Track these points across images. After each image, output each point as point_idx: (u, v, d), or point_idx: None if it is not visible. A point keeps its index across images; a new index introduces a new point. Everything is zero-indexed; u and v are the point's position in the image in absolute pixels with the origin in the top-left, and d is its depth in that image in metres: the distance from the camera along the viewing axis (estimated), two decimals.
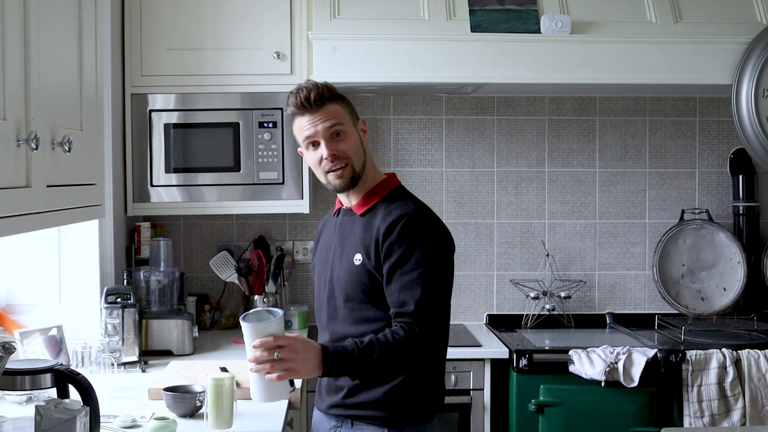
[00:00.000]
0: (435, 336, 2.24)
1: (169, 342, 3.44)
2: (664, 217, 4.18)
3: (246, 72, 3.64)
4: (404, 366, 2.23)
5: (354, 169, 2.34)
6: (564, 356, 3.44)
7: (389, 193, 2.39)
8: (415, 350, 2.20)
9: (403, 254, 2.24)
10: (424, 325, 2.20)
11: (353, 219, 2.40)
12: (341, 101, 2.36)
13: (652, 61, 3.58)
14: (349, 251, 2.35)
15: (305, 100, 2.30)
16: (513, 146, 4.15)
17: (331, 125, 2.31)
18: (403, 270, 2.23)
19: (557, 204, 4.17)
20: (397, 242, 2.25)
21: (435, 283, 2.24)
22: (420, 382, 2.31)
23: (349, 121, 2.36)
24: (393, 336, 2.18)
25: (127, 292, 3.25)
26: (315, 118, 2.31)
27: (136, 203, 3.65)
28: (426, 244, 2.25)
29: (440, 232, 2.33)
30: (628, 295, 4.19)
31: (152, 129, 3.63)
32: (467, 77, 3.60)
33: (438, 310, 2.26)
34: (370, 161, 2.41)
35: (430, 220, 2.33)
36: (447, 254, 2.33)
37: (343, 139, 2.33)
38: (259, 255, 3.91)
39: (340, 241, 2.41)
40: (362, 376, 2.21)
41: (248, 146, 3.64)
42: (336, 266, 2.39)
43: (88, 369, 2.99)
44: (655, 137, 4.18)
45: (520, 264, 4.16)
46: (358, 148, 2.36)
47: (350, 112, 2.38)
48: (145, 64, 3.63)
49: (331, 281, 2.39)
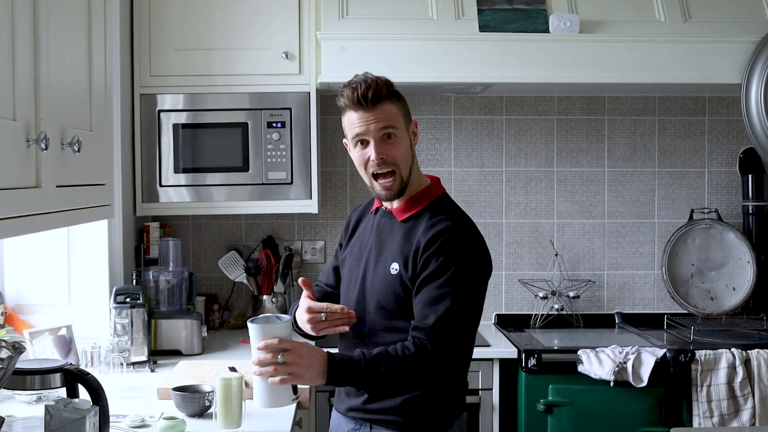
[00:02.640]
0: (448, 356, 2.17)
1: (178, 342, 3.45)
2: (673, 216, 4.16)
3: (254, 72, 3.64)
4: (412, 382, 2.17)
5: (402, 177, 2.27)
6: (573, 356, 3.44)
7: (433, 202, 2.33)
8: (423, 368, 2.14)
9: (438, 269, 2.18)
10: (439, 344, 2.14)
11: (393, 223, 2.34)
12: (397, 100, 2.27)
13: (661, 61, 3.57)
14: (386, 258, 2.30)
15: (362, 97, 2.21)
16: (521, 146, 4.14)
17: (383, 127, 2.23)
18: (434, 284, 2.17)
19: (566, 204, 4.16)
20: (435, 256, 2.19)
21: (462, 304, 2.17)
22: (441, 392, 2.29)
23: (402, 123, 2.27)
24: (403, 351, 2.13)
25: (136, 292, 3.26)
26: (369, 117, 2.22)
27: (145, 203, 3.66)
28: (463, 264, 2.19)
29: (480, 254, 2.26)
30: (637, 294, 4.18)
31: (161, 129, 3.64)
32: (476, 77, 3.60)
33: (458, 331, 2.18)
34: (416, 165, 2.34)
35: (473, 238, 2.26)
36: (482, 276, 2.26)
37: (394, 143, 2.24)
38: (268, 255, 3.91)
39: (377, 244, 2.35)
40: (368, 388, 2.17)
41: (257, 146, 3.65)
42: (371, 270, 2.33)
43: (97, 369, 2.99)
44: (664, 137, 4.17)
45: (528, 264, 4.16)
46: (407, 153, 2.28)
47: (404, 113, 2.29)
48: (154, 64, 3.63)
49: (363, 284, 2.34)
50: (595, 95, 4.14)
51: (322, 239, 4.12)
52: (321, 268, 4.11)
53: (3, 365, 1.86)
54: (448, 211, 2.31)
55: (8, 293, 3.23)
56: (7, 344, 1.88)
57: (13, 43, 1.78)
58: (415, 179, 2.33)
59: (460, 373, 2.33)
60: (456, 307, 2.16)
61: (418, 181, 2.35)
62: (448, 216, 2.28)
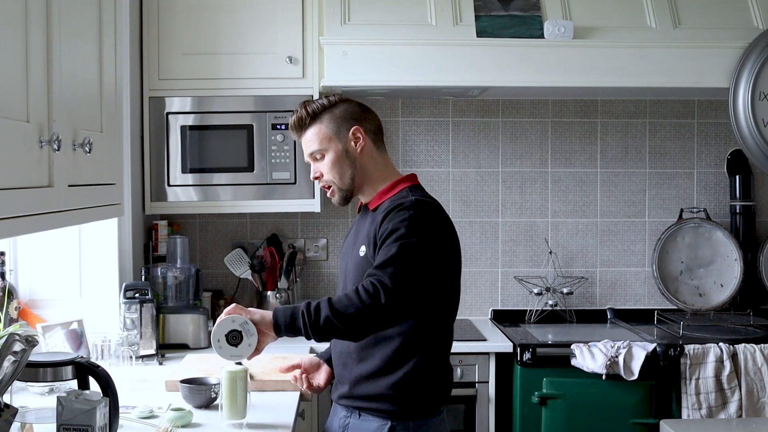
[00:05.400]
0: (408, 293, 2.15)
1: (186, 336, 3.46)
2: (663, 216, 4.16)
3: (259, 76, 3.64)
4: (374, 319, 2.13)
5: (340, 187, 2.39)
6: (566, 350, 3.44)
7: (403, 190, 2.38)
8: (385, 303, 2.11)
9: (391, 230, 2.21)
10: (397, 281, 2.12)
11: (367, 214, 2.43)
12: (320, 120, 2.38)
13: (652, 65, 3.57)
14: (358, 244, 2.37)
15: (292, 128, 2.42)
16: (517, 147, 4.14)
17: (310, 153, 2.40)
18: (387, 242, 2.20)
19: (560, 203, 4.16)
20: (389, 221, 2.23)
21: (414, 252, 2.17)
22: (426, 375, 2.31)
23: (330, 138, 2.37)
24: (357, 288, 2.14)
25: (145, 288, 3.26)
26: (302, 142, 2.43)
27: (153, 202, 3.66)
28: (414, 223, 2.21)
29: (434, 218, 2.28)
30: (628, 291, 4.18)
31: (169, 131, 3.64)
32: (473, 81, 3.60)
33: (415, 268, 2.16)
34: (373, 166, 2.40)
35: (430, 211, 2.29)
36: (436, 234, 2.25)
37: (323, 162, 2.39)
38: (272, 252, 3.91)
39: (354, 236, 2.45)
40: (323, 324, 2.12)
41: (261, 147, 3.65)
42: (349, 260, 2.41)
43: (107, 362, 2.99)
44: (655, 138, 4.17)
45: (524, 261, 4.16)
46: (338, 165, 2.37)
47: (335, 127, 2.37)
48: (163, 68, 3.63)
49: (345, 276, 2.42)
50: (588, 98, 4.14)
51: (324, 237, 4.12)
52: (323, 265, 4.11)
53: (17, 358, 1.86)
54: (410, 193, 2.35)
55: (22, 289, 3.23)
56: (21, 338, 1.89)
57: (27, 48, 1.79)
58: (376, 176, 2.41)
59: (441, 356, 2.36)
60: (406, 251, 2.16)
61: (382, 177, 2.41)
62: (408, 195, 2.33)
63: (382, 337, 2.28)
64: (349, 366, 2.36)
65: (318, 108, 2.39)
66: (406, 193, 2.36)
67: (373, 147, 2.42)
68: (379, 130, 2.46)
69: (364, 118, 2.43)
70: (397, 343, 2.29)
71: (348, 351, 2.36)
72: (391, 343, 2.29)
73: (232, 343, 2.16)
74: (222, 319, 2.18)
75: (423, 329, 2.30)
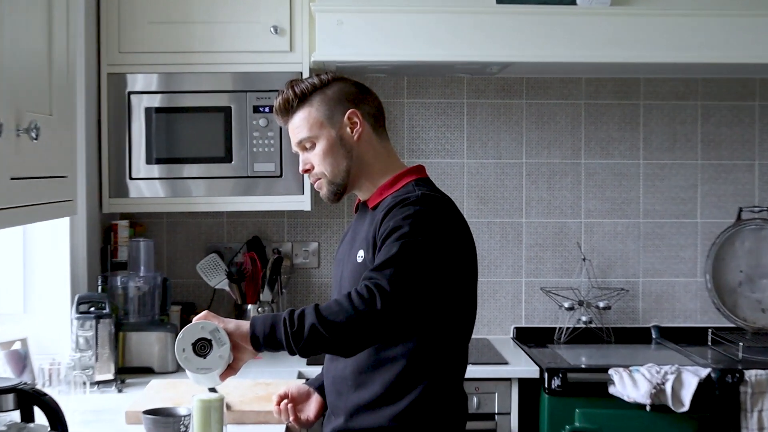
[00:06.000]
0: (410, 299, 2.14)
1: (150, 358, 3.45)
2: (718, 216, 4.16)
3: (239, 49, 3.64)
4: (369, 329, 2.11)
5: (331, 180, 2.39)
6: (603, 376, 3.43)
7: (407, 185, 2.38)
8: (381, 310, 2.10)
9: (392, 228, 2.21)
10: (396, 284, 2.12)
11: (365, 213, 2.43)
12: (310, 102, 2.38)
13: (706, 37, 3.56)
14: (354, 249, 2.37)
15: (278, 111, 2.42)
16: (544, 134, 4.14)
17: (298, 141, 2.41)
18: (387, 242, 2.20)
19: (595, 201, 4.16)
20: (391, 218, 2.23)
21: (416, 252, 2.17)
22: (435, 405, 2.30)
23: (322, 124, 2.37)
24: (349, 293, 2.13)
25: (101, 301, 3.26)
26: (289, 129, 2.43)
27: (112, 199, 3.66)
28: (420, 221, 2.21)
29: (444, 216, 2.28)
30: (676, 305, 4.17)
31: (131, 114, 3.63)
32: (492, 55, 3.60)
33: (419, 271, 2.16)
34: (372, 156, 2.41)
35: (438, 204, 2.29)
36: (446, 234, 2.25)
37: (313, 151, 2.40)
38: (254, 258, 3.91)
39: (350, 239, 2.45)
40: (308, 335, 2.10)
41: (241, 134, 3.64)
42: (344, 268, 2.41)
43: (56, 389, 2.97)
44: (709, 124, 4.16)
45: (552, 269, 4.16)
46: (331, 155, 2.38)
47: (327, 110, 2.38)
48: (124, 39, 3.63)
49: (340, 286, 2.42)
50: (628, 77, 4.14)
51: (316, 241, 4.12)
52: (314, 273, 4.11)
53: None
54: (417, 188, 2.35)
55: None
56: None
57: None
58: (376, 168, 2.42)
59: (454, 382, 2.35)
60: (409, 252, 2.16)
61: (383, 169, 2.42)
62: (414, 190, 2.32)
63: (383, 359, 2.28)
64: (344, 394, 2.36)
65: (308, 88, 2.39)
66: (411, 187, 2.35)
67: (372, 134, 2.42)
68: (379, 114, 2.46)
69: (362, 100, 2.42)
70: (400, 365, 2.28)
71: (343, 376, 2.35)
72: (394, 366, 2.28)
73: (199, 354, 2.15)
74: (189, 326, 2.16)
75: (431, 349, 2.30)
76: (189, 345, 2.15)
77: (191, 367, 2.15)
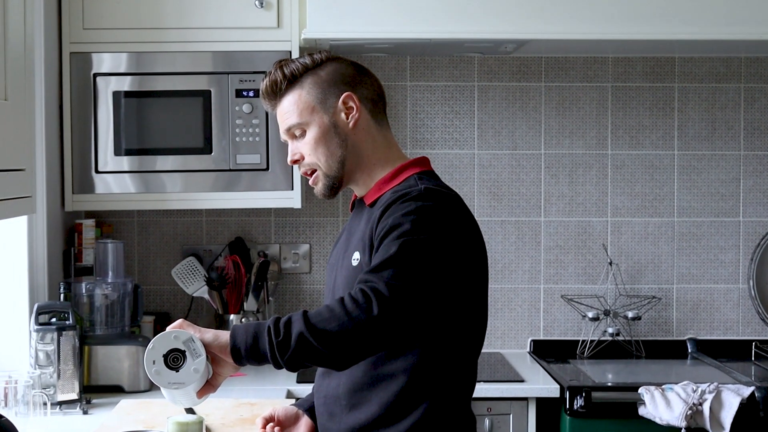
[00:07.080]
0: (410, 304, 2.13)
1: (119, 375, 3.46)
2: (763, 214, 4.17)
3: (220, 25, 3.64)
4: (364, 338, 2.11)
5: (326, 173, 2.40)
6: (632, 395, 3.44)
7: (409, 178, 2.38)
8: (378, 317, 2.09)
9: (391, 225, 2.21)
10: (395, 287, 2.11)
11: (362, 211, 2.43)
12: (301, 85, 2.39)
13: (749, 10, 3.57)
14: (350, 251, 2.37)
15: (264, 94, 2.43)
16: (566, 122, 4.15)
17: (287, 128, 2.42)
18: (386, 240, 2.20)
19: (623, 197, 4.16)
20: (390, 215, 2.23)
21: (422, 251, 2.17)
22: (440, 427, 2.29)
23: (313, 109, 2.38)
24: (342, 297, 2.14)
25: (64, 311, 3.26)
26: (277, 114, 2.44)
27: (76, 195, 3.66)
28: (423, 218, 2.21)
29: (451, 213, 2.29)
30: (716, 315, 4.18)
31: (97, 98, 3.64)
32: (507, 32, 3.60)
33: (421, 273, 2.16)
34: (370, 146, 2.42)
35: (443, 199, 2.29)
36: (452, 233, 2.25)
37: (302, 138, 2.41)
38: (236, 262, 3.91)
39: (345, 241, 2.45)
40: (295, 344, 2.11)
41: (222, 121, 3.65)
42: (338, 272, 2.41)
43: (13, 410, 2.99)
44: (752, 110, 4.17)
45: (574, 275, 4.16)
46: (324, 144, 2.38)
47: (320, 93, 2.39)
48: (89, 14, 3.63)
49: (333, 293, 2.42)
50: (662, 56, 4.14)
51: (307, 242, 4.12)
52: (305, 279, 4.12)
53: None
54: (420, 182, 2.35)
55: None
56: None
57: None
58: (373, 161, 2.42)
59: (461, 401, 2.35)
60: (410, 252, 2.16)
61: (382, 161, 2.43)
62: (417, 184, 2.33)
63: (381, 375, 2.29)
64: (337, 416, 2.36)
65: (298, 69, 2.40)
66: (413, 181, 2.35)
67: (370, 120, 2.42)
68: (379, 99, 2.46)
69: (360, 83, 2.43)
70: (401, 382, 2.28)
71: (336, 395, 2.36)
72: (394, 382, 2.29)
73: (171, 367, 2.15)
74: (161, 335, 2.16)
75: (435, 364, 2.30)
76: (160, 357, 2.14)
77: (162, 381, 2.13)
